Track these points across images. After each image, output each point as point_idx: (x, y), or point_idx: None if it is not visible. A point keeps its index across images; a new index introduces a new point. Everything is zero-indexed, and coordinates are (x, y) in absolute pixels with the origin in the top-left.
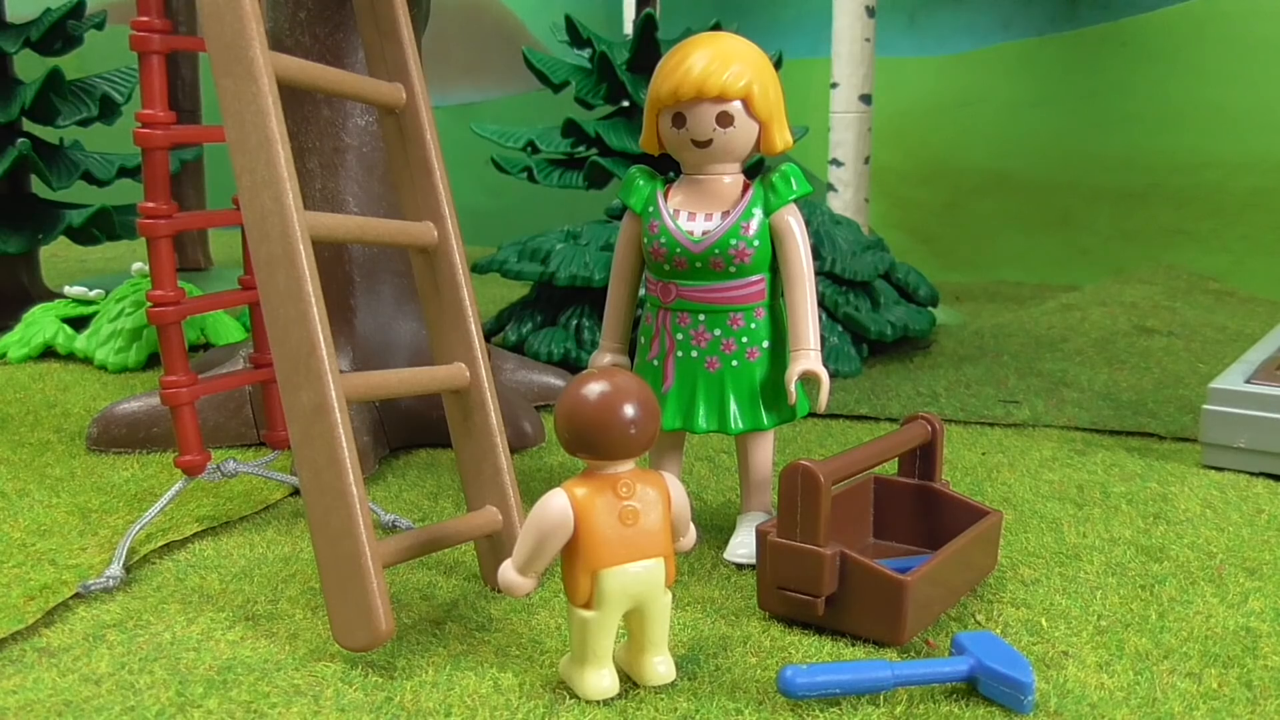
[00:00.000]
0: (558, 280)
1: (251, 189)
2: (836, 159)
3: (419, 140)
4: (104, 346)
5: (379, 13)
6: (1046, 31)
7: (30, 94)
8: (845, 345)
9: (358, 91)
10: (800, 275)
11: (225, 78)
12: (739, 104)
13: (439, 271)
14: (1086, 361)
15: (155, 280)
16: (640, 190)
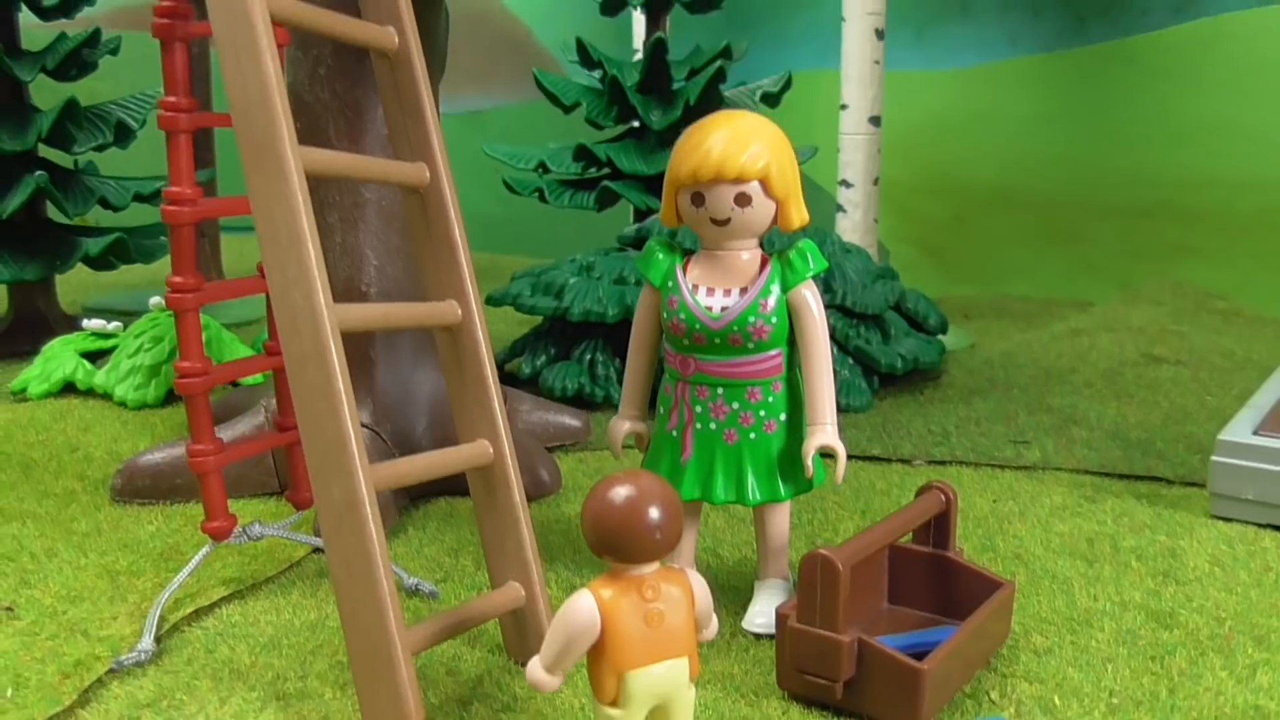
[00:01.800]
0: (571, 316)
1: (282, 286)
2: (846, 180)
3: (442, 218)
4: (123, 383)
5: (401, 90)
6: (1054, 48)
7: (47, 123)
8: (856, 378)
9: (383, 176)
10: (817, 351)
11: (256, 175)
12: (757, 184)
13: (463, 349)
14: (1095, 395)
15: (183, 350)
16: (659, 264)
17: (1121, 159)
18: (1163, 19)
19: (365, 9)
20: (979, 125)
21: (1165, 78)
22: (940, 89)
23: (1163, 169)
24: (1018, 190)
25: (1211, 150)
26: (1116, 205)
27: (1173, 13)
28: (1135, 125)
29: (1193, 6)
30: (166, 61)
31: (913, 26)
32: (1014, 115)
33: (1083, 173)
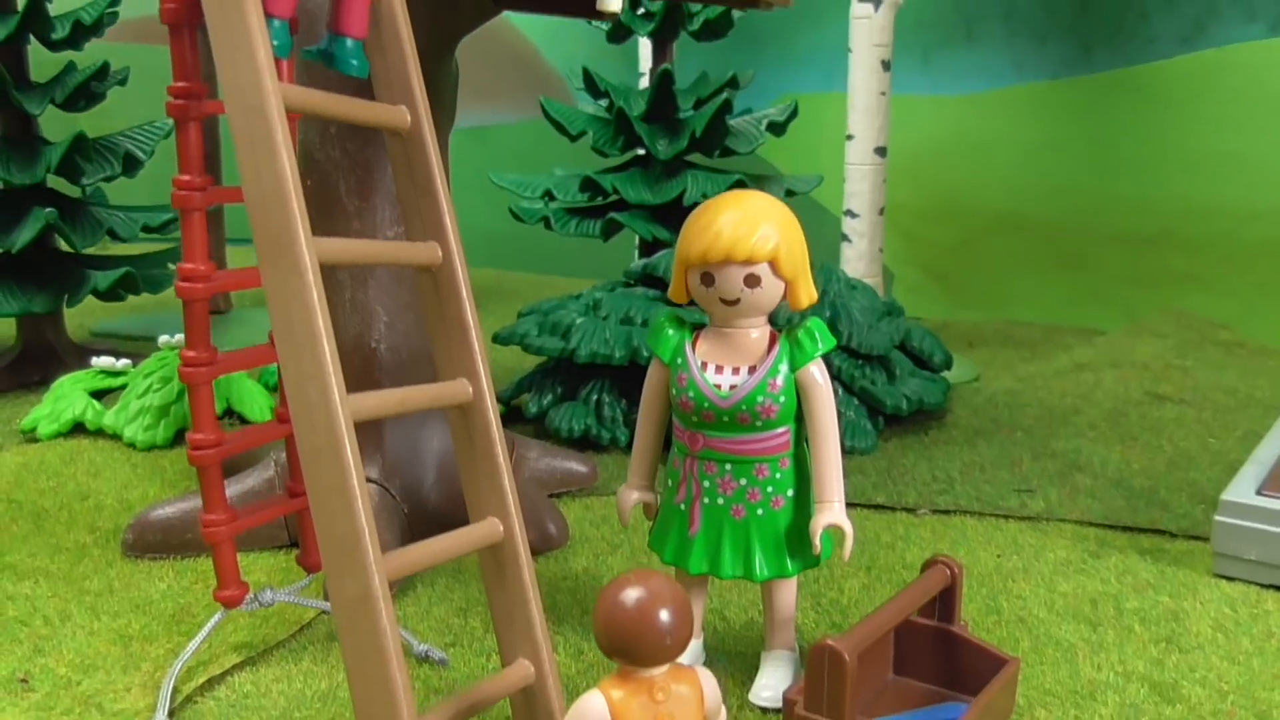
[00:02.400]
0: (578, 357)
1: (297, 380)
2: (851, 210)
3: (454, 296)
4: (132, 424)
5: (414, 168)
6: (1060, 75)
7: (56, 156)
8: (862, 419)
9: (395, 258)
10: (825, 429)
11: (271, 268)
12: (766, 266)
13: (473, 426)
14: (1100, 437)
15: (196, 422)
16: (669, 341)
17: (1126, 187)
18: (1169, 49)
19: (378, 87)
20: (985, 151)
21: (1171, 107)
22: (947, 114)
23: (1167, 197)
24: (1023, 216)
25: (1216, 180)
26: (1121, 233)
27: (1179, 43)
28: (1140, 153)
29: (1199, 37)
30: (181, 140)
31: (919, 52)
32: (1020, 141)
33: (1088, 200)
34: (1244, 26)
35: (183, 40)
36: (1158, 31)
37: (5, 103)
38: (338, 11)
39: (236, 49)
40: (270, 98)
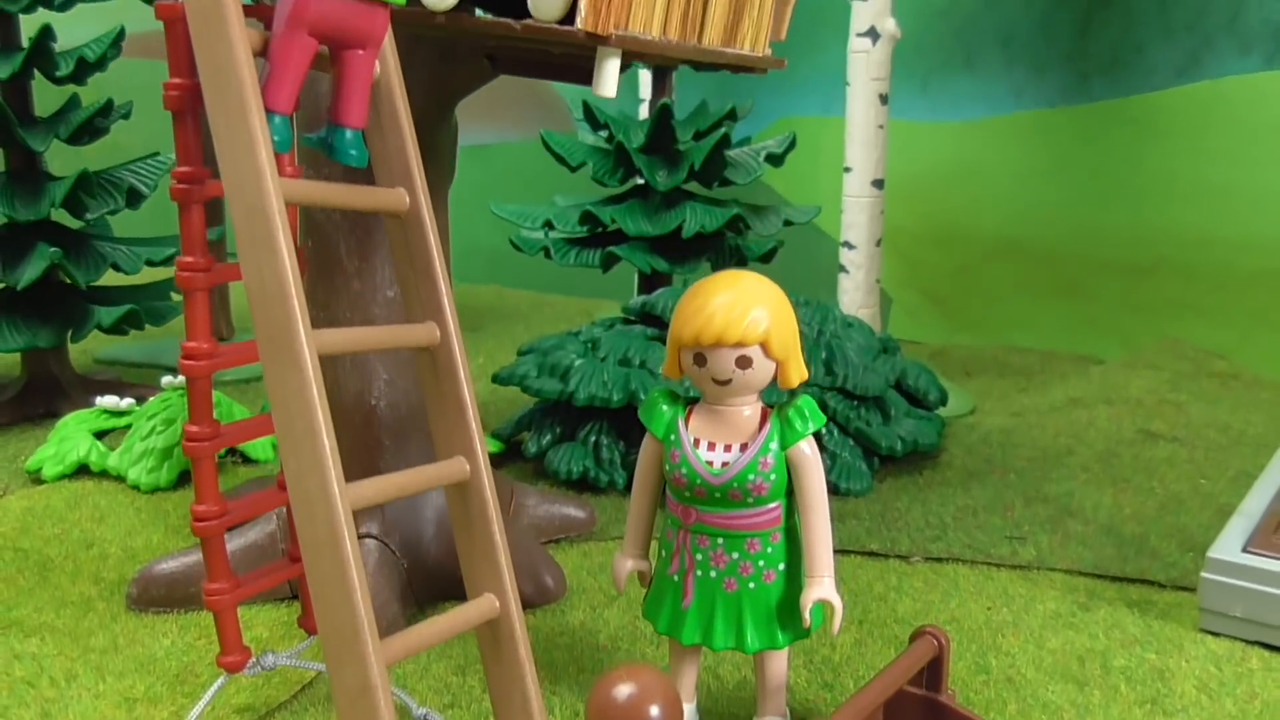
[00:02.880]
0: (576, 400)
1: (297, 472)
2: (849, 241)
3: (452, 377)
4: (136, 466)
5: (413, 250)
6: (1058, 103)
7: (60, 194)
8: (856, 460)
9: (394, 342)
10: (816, 505)
11: (273, 363)
12: (757, 348)
13: (471, 505)
14: (1092, 479)
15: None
16: (662, 416)
17: (1123, 215)
18: (1166, 79)
19: (377, 169)
20: (984, 177)
21: (1167, 137)
22: (945, 140)
23: (1163, 226)
24: (1021, 242)
25: (1212, 210)
26: (1117, 261)
27: (1175, 74)
28: (1137, 182)
29: (1195, 69)
30: (184, 222)
31: (918, 78)
32: (1018, 168)
33: (1085, 227)
34: (1239, 59)
35: (186, 126)
36: (1154, 63)
37: (9, 139)
38: (337, 103)
39: (238, 148)
40: (271, 199)
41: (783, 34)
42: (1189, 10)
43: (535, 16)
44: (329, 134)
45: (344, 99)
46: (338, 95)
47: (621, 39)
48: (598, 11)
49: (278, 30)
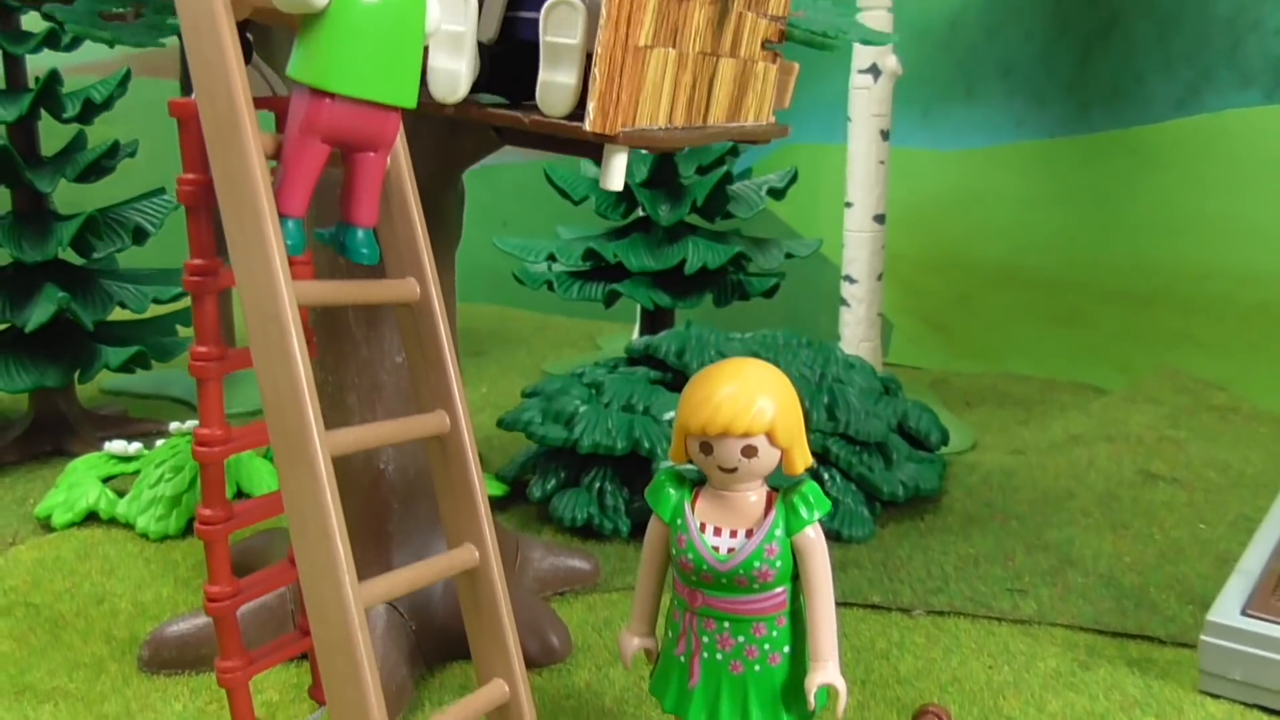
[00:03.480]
0: (581, 448)
1: (311, 576)
2: (850, 275)
3: (460, 464)
4: (144, 514)
5: (423, 339)
6: (1058, 134)
7: (68, 235)
8: (858, 506)
9: (405, 435)
10: (821, 591)
11: (287, 467)
12: (763, 437)
13: (479, 592)
14: (1092, 525)
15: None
16: (668, 500)
17: (1123, 245)
18: (1165, 112)
19: (387, 257)
20: (984, 205)
21: (1167, 169)
22: (946, 168)
23: (1163, 257)
24: (1021, 270)
25: (1211, 242)
26: (1118, 290)
27: (1175, 107)
28: (1137, 213)
29: (1195, 102)
30: (198, 313)
31: (919, 107)
32: (1018, 197)
33: (1085, 257)
34: (1239, 93)
35: (199, 220)
36: (1154, 95)
37: (16, 180)
38: (348, 202)
39: (252, 256)
40: (286, 307)
41: (786, 102)
42: (1189, 43)
43: (543, 111)
44: (340, 232)
45: (355, 199)
46: (349, 195)
47: (629, 136)
48: (605, 114)
49: (291, 135)
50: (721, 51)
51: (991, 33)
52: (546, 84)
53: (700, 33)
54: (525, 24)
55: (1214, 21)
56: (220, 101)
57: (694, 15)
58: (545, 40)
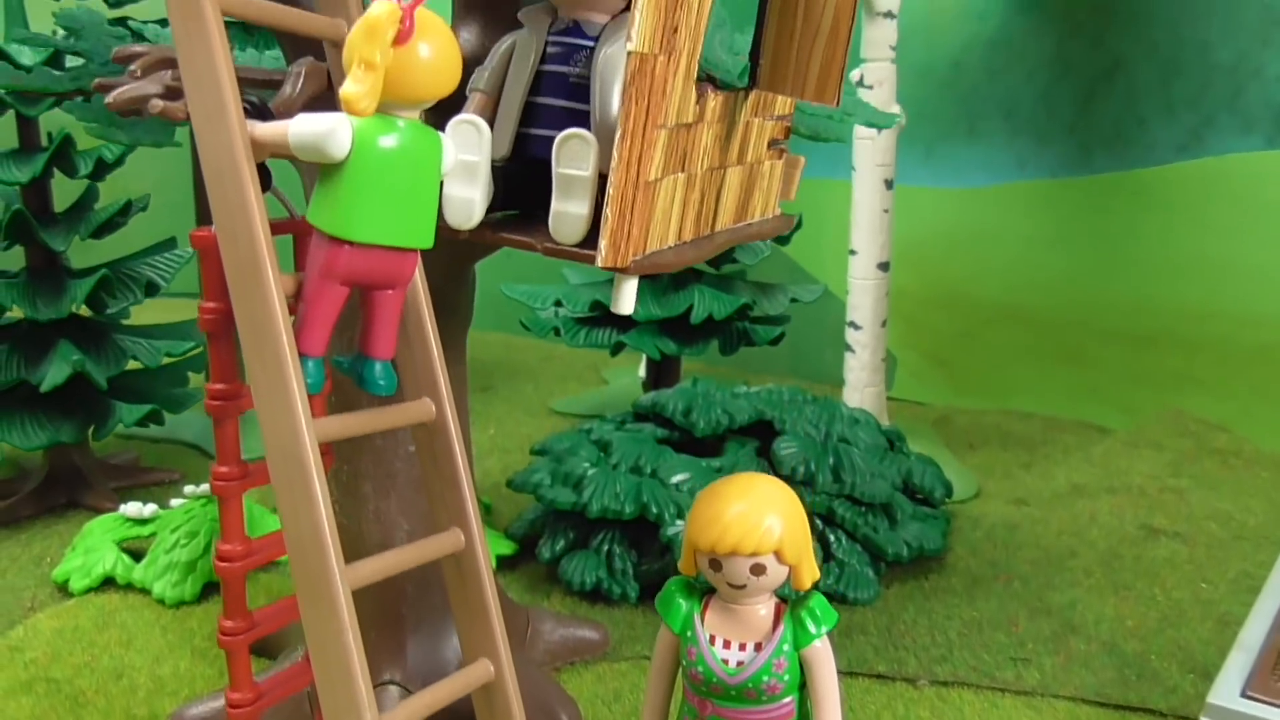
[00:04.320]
0: (589, 513)
1: (334, 713)
2: (854, 322)
3: (475, 579)
4: (160, 580)
5: (439, 458)
6: (1060, 174)
7: (82, 294)
8: (863, 567)
9: (422, 557)
10: (828, 701)
11: (309, 609)
12: (771, 556)
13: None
14: (1095, 587)
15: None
16: (678, 610)
17: (1125, 286)
18: (1167, 155)
19: (404, 382)
20: (986, 243)
21: (1169, 211)
22: (948, 206)
23: (1165, 298)
24: (1023, 309)
25: (1214, 284)
26: (1120, 330)
27: (1177, 150)
28: (1139, 254)
29: (1197, 146)
30: (219, 434)
31: (922, 144)
32: (1020, 236)
33: (1087, 296)
34: (1241, 138)
35: (220, 346)
36: (1156, 138)
37: (30, 239)
38: (367, 337)
39: (273, 394)
40: (308, 449)
41: (791, 194)
42: (1191, 88)
43: (555, 239)
44: (357, 362)
45: (374, 334)
46: (367, 330)
47: (639, 265)
48: (616, 249)
49: (310, 279)
50: (729, 163)
51: (994, 73)
52: (559, 214)
53: (708, 151)
54: (537, 141)
55: (1216, 68)
56: (243, 247)
57: (702, 137)
58: (558, 171)
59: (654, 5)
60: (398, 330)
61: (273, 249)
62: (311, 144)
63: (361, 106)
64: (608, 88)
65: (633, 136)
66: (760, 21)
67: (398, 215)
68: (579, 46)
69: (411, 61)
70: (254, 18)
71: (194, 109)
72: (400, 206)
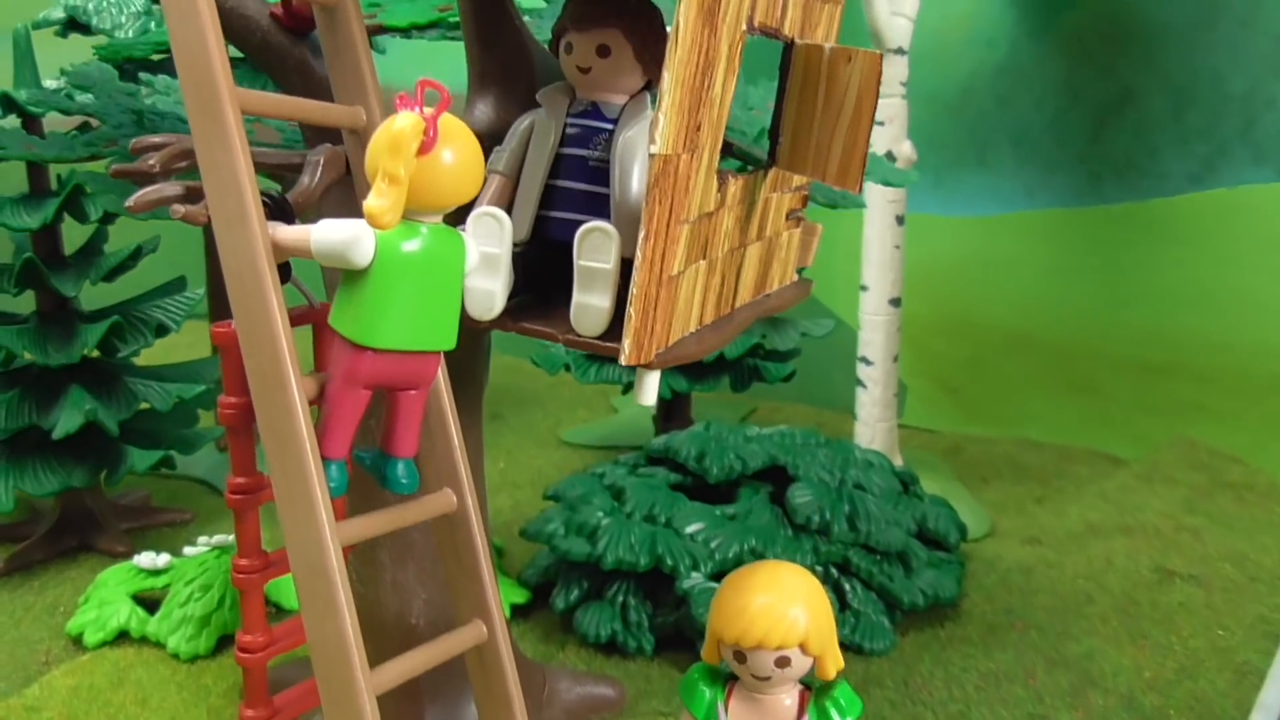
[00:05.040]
0: (604, 564)
1: None
2: (866, 357)
3: (499, 675)
4: (175, 634)
5: (460, 550)
6: (1071, 204)
7: (93, 339)
8: (879, 616)
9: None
10: None
11: (331, 706)
12: (796, 649)
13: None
14: (1112, 635)
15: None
16: (702, 698)
17: (1136, 315)
18: (1180, 185)
19: (425, 475)
20: (996, 271)
21: (1181, 242)
22: (958, 234)
23: (1177, 329)
24: (1034, 337)
25: (1226, 315)
26: (1132, 360)
27: (1189, 180)
28: (1150, 284)
29: (1210, 177)
30: (240, 527)
31: (932, 173)
32: (1031, 265)
33: (1098, 325)
34: (1254, 169)
35: (241, 441)
36: (1168, 169)
37: (41, 284)
38: (389, 434)
39: (298, 509)
40: (333, 560)
41: (809, 261)
42: (1203, 119)
43: (577, 330)
44: (379, 461)
45: (396, 434)
46: (390, 429)
47: (662, 359)
48: (641, 347)
49: (333, 383)
50: (749, 241)
51: (1003, 101)
52: (581, 306)
53: (729, 234)
54: (556, 224)
55: (1229, 99)
56: (265, 355)
57: (724, 222)
58: (579, 264)
59: (678, 107)
60: (421, 427)
61: (295, 354)
62: (335, 252)
63: (386, 221)
64: (627, 172)
65: (656, 236)
66: (780, 99)
67: (421, 320)
68: (598, 129)
69: (435, 170)
70: (274, 113)
71: (215, 213)
72: (424, 311)
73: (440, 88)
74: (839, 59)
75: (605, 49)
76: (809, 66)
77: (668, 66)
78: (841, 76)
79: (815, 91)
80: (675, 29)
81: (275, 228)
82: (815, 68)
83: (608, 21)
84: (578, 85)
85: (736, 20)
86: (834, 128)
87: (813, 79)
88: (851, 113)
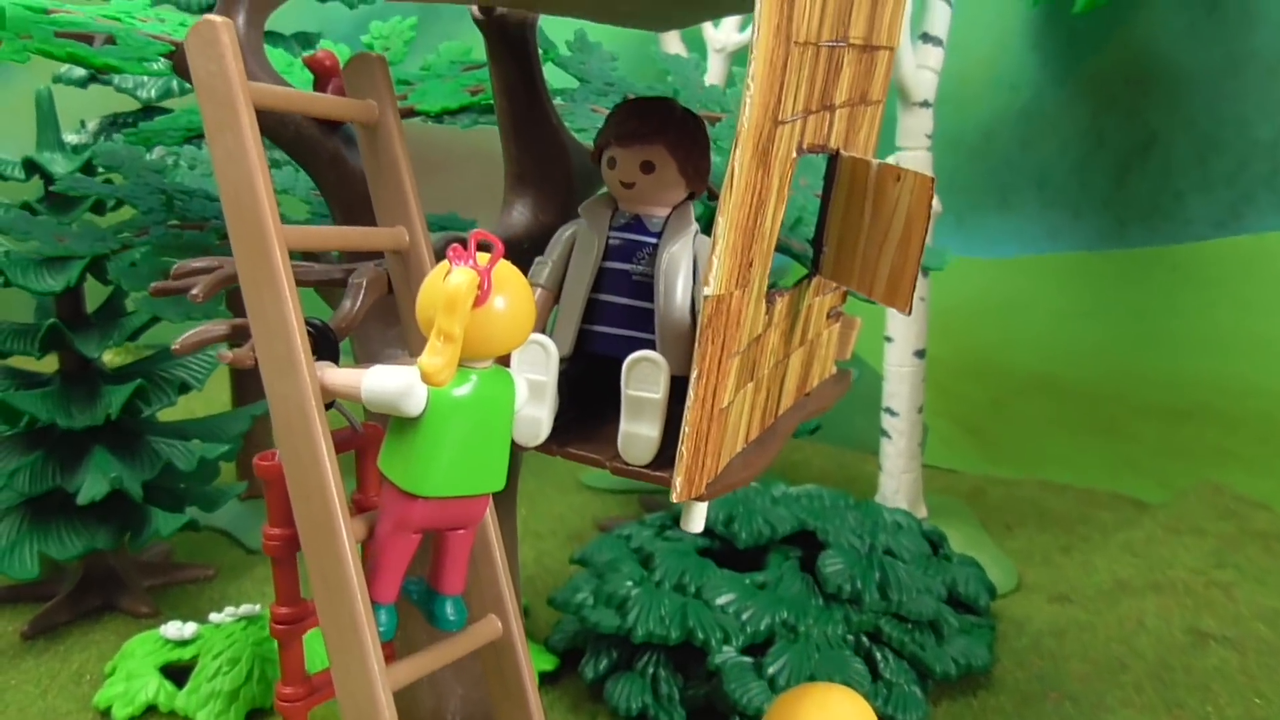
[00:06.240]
0: (635, 637)
1: None
2: (890, 408)
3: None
4: (204, 710)
5: (507, 678)
6: (1095, 247)
7: (117, 403)
8: (911, 686)
9: None
10: None
11: None
12: None
13: None
14: (1146, 705)
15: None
16: None
17: (1161, 360)
18: (1205, 230)
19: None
20: (1019, 314)
21: (1207, 287)
22: (980, 276)
23: (1202, 374)
24: (1057, 380)
25: (1252, 361)
26: (1156, 404)
27: (1214, 226)
28: (1175, 329)
29: (1235, 223)
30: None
31: (954, 214)
32: (1053, 307)
33: (1122, 369)
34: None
35: (285, 571)
36: (1193, 214)
37: (64, 346)
38: (438, 572)
39: (349, 655)
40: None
41: (847, 354)
42: (1229, 165)
43: (625, 459)
44: (426, 598)
45: (445, 572)
46: (438, 567)
47: (712, 489)
48: (692, 482)
49: (383, 527)
50: (792, 350)
51: (1026, 144)
52: (629, 435)
53: (775, 350)
54: (599, 338)
55: (1255, 144)
56: (315, 504)
57: (770, 340)
58: (627, 393)
59: (731, 248)
60: (469, 564)
61: (344, 499)
62: (388, 402)
63: (442, 379)
64: (672, 287)
65: (708, 375)
66: (824, 208)
67: (473, 464)
68: (642, 244)
69: (489, 321)
70: (319, 246)
71: (263, 358)
72: (475, 455)
73: (494, 240)
74: (887, 176)
75: (649, 165)
76: (855, 179)
77: (721, 211)
78: (890, 194)
79: (862, 205)
80: (730, 174)
81: (324, 370)
82: (861, 181)
83: (652, 138)
84: (621, 200)
85: (788, 153)
86: (882, 244)
87: (859, 192)
88: (901, 232)
